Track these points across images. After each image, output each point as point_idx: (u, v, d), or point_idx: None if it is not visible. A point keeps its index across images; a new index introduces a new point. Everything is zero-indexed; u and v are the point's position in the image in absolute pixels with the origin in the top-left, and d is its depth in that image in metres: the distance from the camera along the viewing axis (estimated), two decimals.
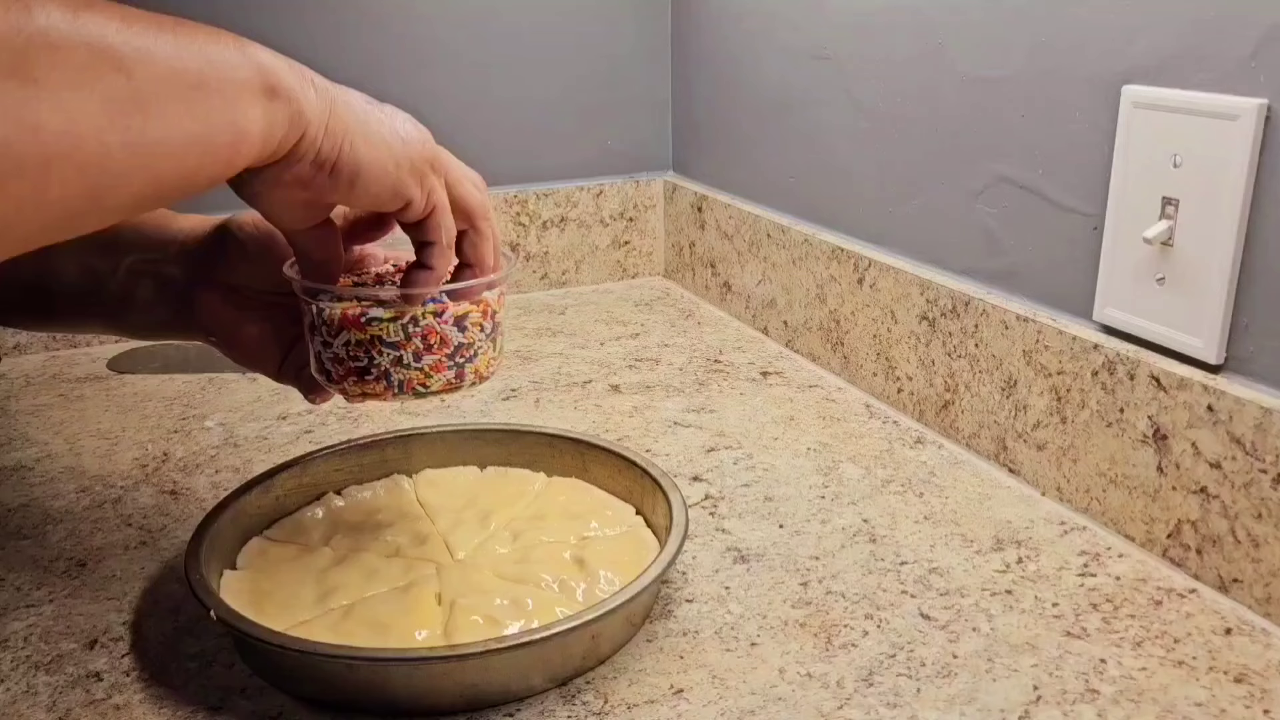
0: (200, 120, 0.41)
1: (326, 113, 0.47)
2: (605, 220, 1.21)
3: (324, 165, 0.48)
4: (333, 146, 0.47)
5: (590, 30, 1.17)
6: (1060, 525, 0.69)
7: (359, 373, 0.55)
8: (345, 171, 0.48)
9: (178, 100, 0.40)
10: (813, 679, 0.54)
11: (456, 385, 0.56)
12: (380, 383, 0.55)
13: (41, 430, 0.85)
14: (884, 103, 0.87)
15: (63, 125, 0.36)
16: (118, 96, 0.38)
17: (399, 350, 0.54)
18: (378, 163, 0.49)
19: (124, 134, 0.38)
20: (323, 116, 0.47)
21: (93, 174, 0.38)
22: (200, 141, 0.42)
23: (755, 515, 0.71)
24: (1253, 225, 0.59)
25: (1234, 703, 0.52)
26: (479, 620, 0.56)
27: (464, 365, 0.56)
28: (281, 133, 0.45)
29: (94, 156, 0.38)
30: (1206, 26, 0.60)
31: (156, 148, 0.40)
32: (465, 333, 0.56)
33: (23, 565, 0.66)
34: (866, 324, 0.89)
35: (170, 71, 0.40)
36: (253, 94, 0.43)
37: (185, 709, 0.53)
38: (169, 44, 0.40)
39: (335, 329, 0.55)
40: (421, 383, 0.55)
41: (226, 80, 0.42)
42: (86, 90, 0.37)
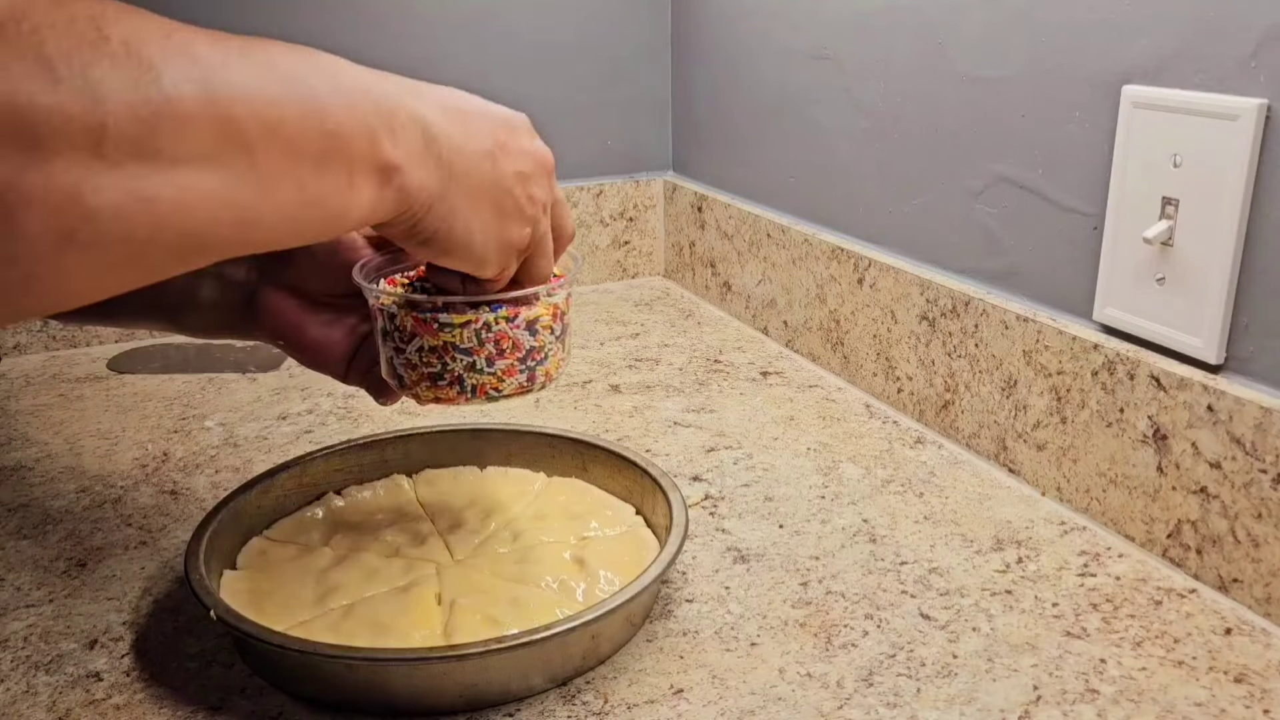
0: (308, 203, 0.40)
1: (440, 192, 0.46)
2: (605, 220, 1.21)
3: (414, 235, 0.47)
4: (431, 225, 0.47)
5: (590, 30, 1.17)
6: (1060, 525, 0.69)
7: (432, 378, 0.55)
8: (435, 247, 0.48)
9: (292, 180, 0.39)
10: (813, 679, 0.54)
11: (528, 388, 0.56)
12: (453, 388, 0.55)
13: (41, 430, 0.85)
14: (884, 103, 0.87)
15: (177, 199, 0.35)
16: (237, 177, 0.37)
17: (472, 356, 0.54)
18: (469, 247, 0.49)
19: (234, 211, 0.37)
20: (433, 197, 0.46)
21: (195, 241, 0.37)
22: (301, 222, 0.41)
23: (755, 515, 0.71)
24: (1253, 225, 0.59)
25: (1234, 703, 0.52)
26: (479, 620, 0.56)
27: (535, 368, 0.56)
28: (384, 214, 0.44)
29: (201, 228, 0.37)
30: (1206, 26, 0.60)
31: (259, 223, 0.39)
32: (536, 336, 0.56)
33: (23, 565, 0.66)
34: (866, 324, 0.89)
35: (291, 151, 0.39)
36: (367, 174, 0.42)
37: (185, 709, 0.53)
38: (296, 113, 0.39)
39: (408, 335, 0.54)
40: (495, 387, 0.55)
41: (344, 160, 0.41)
42: (207, 166, 0.36)
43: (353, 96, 0.41)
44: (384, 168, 0.42)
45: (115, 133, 0.33)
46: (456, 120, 0.47)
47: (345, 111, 0.41)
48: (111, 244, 0.34)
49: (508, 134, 0.50)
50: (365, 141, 0.41)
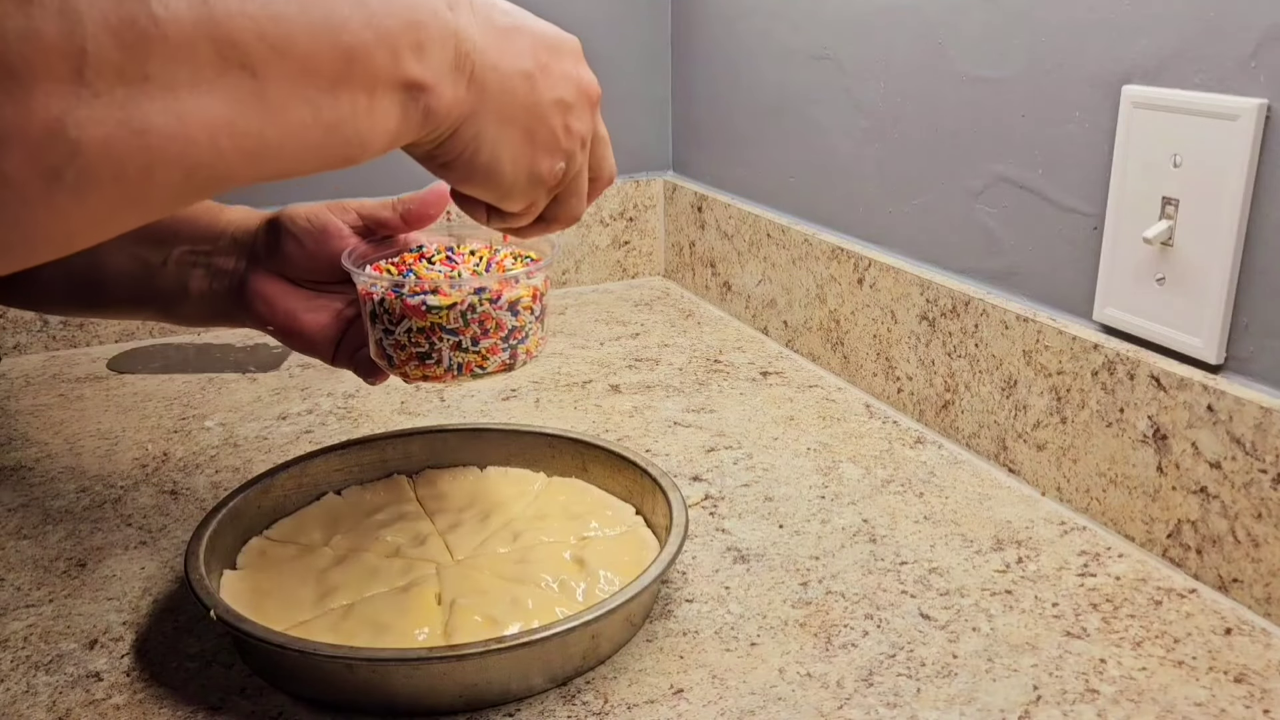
0: (324, 127, 0.37)
1: (469, 113, 0.42)
2: (605, 220, 1.21)
3: (436, 158, 0.45)
4: (456, 148, 0.44)
5: (590, 30, 1.16)
6: (1060, 525, 0.69)
7: (420, 358, 0.58)
8: (459, 171, 0.45)
9: (305, 103, 0.36)
10: (813, 679, 0.54)
11: (510, 365, 0.59)
12: (439, 366, 0.58)
13: (41, 430, 0.85)
14: (884, 103, 0.87)
15: (173, 128, 0.32)
16: (240, 98, 0.34)
17: (458, 336, 0.57)
18: (492, 176, 0.46)
19: (239, 139, 0.34)
20: (460, 118, 0.42)
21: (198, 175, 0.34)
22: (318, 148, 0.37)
23: (755, 515, 0.71)
24: (1253, 225, 0.59)
25: (1234, 703, 0.52)
26: (479, 620, 0.56)
27: (516, 346, 0.59)
28: (409, 135, 0.41)
29: (203, 159, 0.34)
30: (1206, 26, 0.60)
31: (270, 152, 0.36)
32: (518, 316, 0.58)
33: (23, 565, 0.66)
34: (866, 324, 0.89)
35: (302, 71, 0.35)
36: (390, 91, 0.38)
37: (185, 709, 0.53)
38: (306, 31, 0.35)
39: (396, 317, 0.57)
40: (479, 365, 0.58)
41: (363, 78, 0.37)
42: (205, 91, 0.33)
43: (373, 7, 0.38)
44: (408, 85, 0.39)
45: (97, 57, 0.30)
46: (495, 34, 0.44)
47: (364, 25, 0.37)
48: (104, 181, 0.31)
49: (551, 56, 0.47)
50: (388, 57, 0.38)
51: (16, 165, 0.29)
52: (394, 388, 0.92)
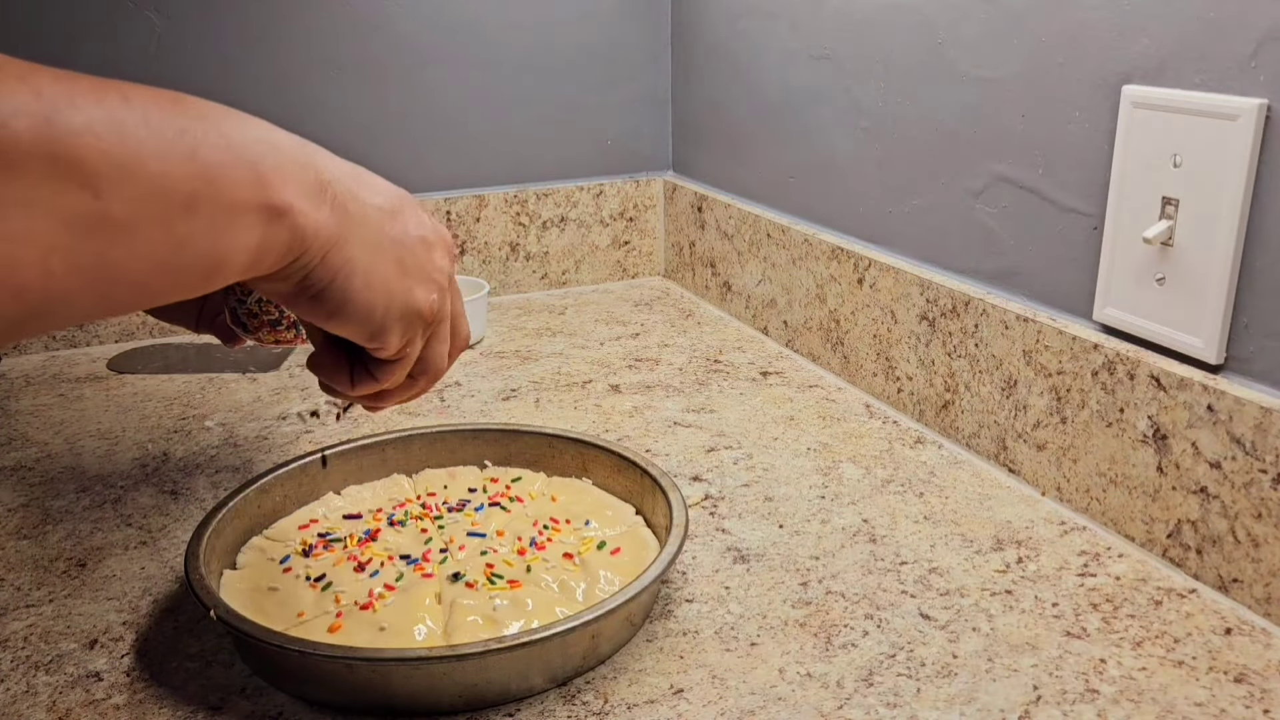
0: (178, 247, 0.35)
1: (333, 239, 0.41)
2: (605, 220, 1.21)
3: (307, 289, 0.42)
4: (326, 276, 0.42)
5: (590, 30, 1.17)
6: (1060, 525, 0.69)
7: (271, 324, 0.62)
8: (328, 304, 0.43)
9: (156, 224, 0.34)
10: (813, 679, 0.54)
11: None
12: (290, 331, 0.62)
13: (41, 430, 0.85)
14: (884, 103, 0.87)
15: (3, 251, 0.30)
16: (77, 217, 0.31)
17: None
18: (368, 308, 0.44)
19: (76, 258, 0.32)
20: (327, 243, 0.41)
21: (28, 298, 0.31)
22: (171, 270, 0.35)
23: (755, 515, 0.71)
24: (1253, 225, 0.59)
25: (1234, 703, 0.52)
26: (479, 620, 0.56)
27: None
28: (271, 259, 0.39)
29: (32, 281, 0.31)
30: (1206, 26, 0.60)
31: (115, 274, 0.33)
32: None
33: (23, 565, 0.66)
34: (866, 324, 0.89)
35: (153, 191, 0.33)
36: (251, 215, 0.37)
37: (185, 709, 0.53)
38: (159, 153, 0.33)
39: (247, 288, 0.60)
40: None
41: (222, 200, 0.36)
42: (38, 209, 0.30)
43: (233, 139, 0.36)
44: (271, 207, 0.37)
45: None
46: (349, 172, 0.43)
47: (222, 147, 0.36)
48: None
49: (406, 202, 0.47)
50: (247, 179, 0.36)
51: None
52: None
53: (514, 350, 1.02)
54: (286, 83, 1.05)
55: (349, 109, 1.08)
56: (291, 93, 1.06)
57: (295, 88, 1.06)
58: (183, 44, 1.01)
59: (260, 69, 1.04)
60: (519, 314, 1.13)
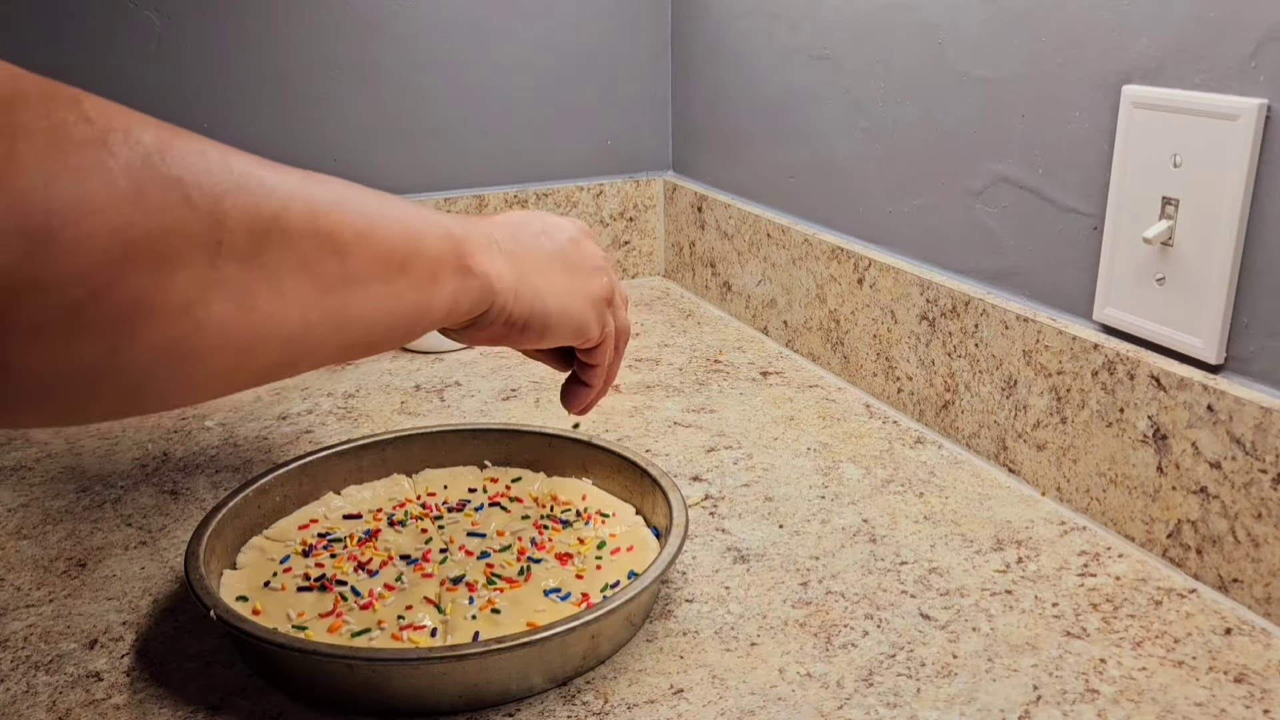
0: (396, 297, 0.43)
1: (516, 279, 0.49)
2: (605, 220, 1.21)
3: (514, 325, 0.51)
4: (524, 309, 0.50)
5: (590, 30, 1.17)
6: (1060, 525, 0.69)
7: None
8: (535, 328, 0.52)
9: (381, 280, 0.42)
10: (813, 679, 0.54)
11: None
12: None
13: (41, 430, 0.85)
14: (884, 103, 0.87)
15: (274, 306, 0.37)
16: (331, 278, 0.39)
17: None
18: (565, 313, 0.53)
19: (327, 312, 0.39)
20: (513, 284, 0.49)
21: (291, 347, 0.39)
22: (392, 315, 0.43)
23: (755, 515, 0.71)
24: (1253, 225, 0.59)
25: (1234, 703, 0.52)
26: (479, 620, 0.56)
27: None
28: (469, 305, 0.47)
29: (295, 332, 0.38)
30: (1206, 26, 0.60)
31: (353, 323, 0.41)
32: None
33: (23, 565, 0.66)
34: (866, 324, 0.89)
35: (381, 253, 0.41)
36: (449, 270, 0.45)
37: (185, 709, 0.53)
38: (382, 223, 0.42)
39: None
40: None
41: (427, 258, 0.44)
42: (306, 275, 0.38)
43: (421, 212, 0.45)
44: (462, 264, 0.46)
45: (230, 247, 0.35)
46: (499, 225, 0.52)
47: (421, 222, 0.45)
48: (212, 353, 0.35)
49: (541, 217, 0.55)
50: (444, 242, 0.45)
51: (153, 337, 0.33)
52: (394, 388, 0.92)
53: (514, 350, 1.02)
54: (286, 83, 1.05)
55: (349, 109, 1.08)
56: (291, 93, 1.06)
57: (295, 88, 1.06)
58: (183, 44, 1.01)
59: (260, 69, 1.04)
60: None
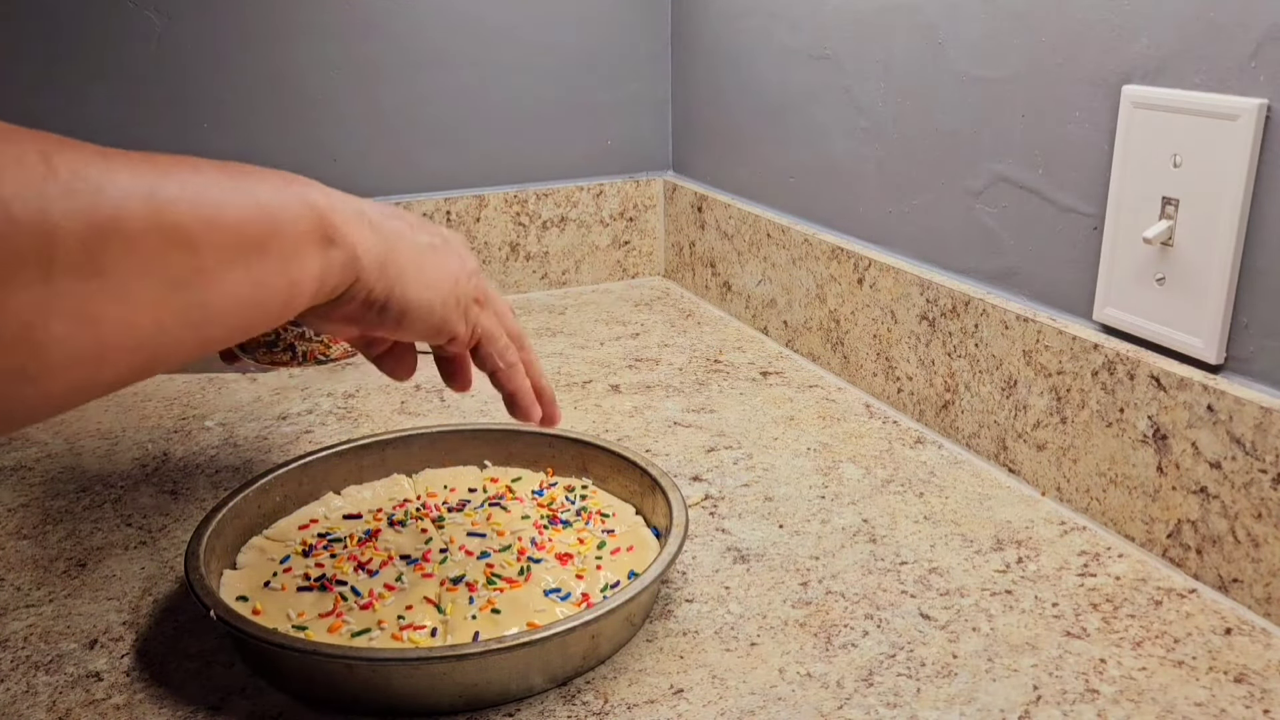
0: (257, 282, 0.40)
1: (383, 254, 0.47)
2: (605, 220, 1.21)
3: (373, 305, 0.48)
4: (385, 288, 0.48)
5: (590, 30, 1.17)
6: (1060, 525, 0.69)
7: (268, 346, 0.61)
8: (394, 310, 0.49)
9: (238, 266, 0.39)
10: (813, 679, 0.54)
11: (353, 352, 0.63)
12: (286, 353, 0.61)
13: (41, 430, 0.85)
14: (884, 103, 0.87)
15: (122, 314, 0.35)
16: (182, 274, 0.37)
17: (301, 326, 0.60)
18: (426, 303, 0.50)
19: (182, 311, 0.37)
20: (378, 258, 0.47)
21: (146, 351, 0.37)
22: (256, 303, 0.41)
23: (755, 515, 0.71)
24: (1253, 225, 0.59)
25: (1234, 703, 0.52)
26: (479, 620, 0.56)
27: None
28: (336, 280, 0.45)
29: (149, 336, 0.36)
30: (1206, 26, 0.60)
31: (213, 317, 0.39)
32: None
33: (23, 565, 0.66)
34: (866, 324, 0.89)
35: (234, 238, 0.39)
36: (311, 244, 0.43)
37: (185, 709, 0.53)
38: (233, 205, 0.39)
39: None
40: (323, 352, 0.61)
41: (287, 236, 0.42)
42: (153, 276, 0.36)
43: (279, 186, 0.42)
44: (325, 235, 0.43)
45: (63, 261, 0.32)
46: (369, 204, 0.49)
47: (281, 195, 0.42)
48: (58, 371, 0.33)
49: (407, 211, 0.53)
50: (304, 216, 0.43)
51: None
52: (394, 388, 0.92)
53: None
54: (286, 83, 1.05)
55: (348, 109, 1.08)
56: (291, 93, 1.06)
57: (295, 88, 1.06)
58: (183, 44, 1.01)
59: (260, 69, 1.04)
60: (519, 314, 1.13)
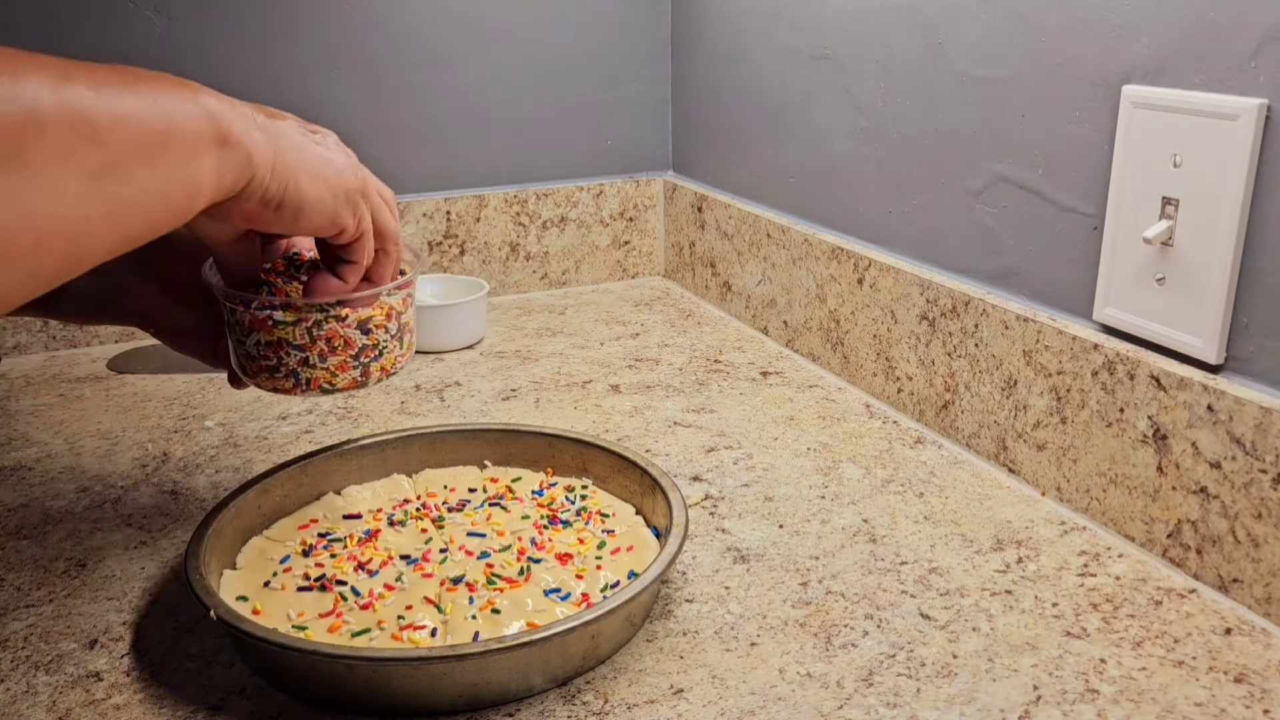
0: (163, 176, 0.44)
1: (273, 154, 0.50)
2: (605, 220, 1.21)
3: (270, 202, 0.51)
4: (279, 186, 0.50)
5: (590, 30, 1.17)
6: (1060, 525, 0.69)
7: (269, 370, 0.58)
8: (289, 207, 0.51)
9: (145, 161, 0.42)
10: (813, 679, 0.54)
11: (363, 383, 0.60)
12: (288, 380, 0.59)
13: (41, 430, 0.85)
14: (884, 103, 0.87)
15: (51, 206, 0.38)
16: (95, 167, 0.40)
17: (305, 352, 0.58)
18: (319, 198, 0.52)
19: (101, 202, 0.40)
20: (270, 158, 0.49)
21: (75, 243, 0.40)
22: (164, 196, 0.44)
23: (755, 515, 0.71)
24: (1253, 225, 0.59)
25: (1234, 703, 0.52)
26: (478, 620, 0.56)
27: (369, 364, 0.60)
28: (232, 178, 0.48)
29: (76, 227, 0.40)
30: (1206, 26, 0.60)
31: (127, 208, 0.42)
32: (369, 335, 0.59)
33: (23, 565, 0.66)
34: (866, 324, 0.89)
35: (138, 134, 0.42)
36: (207, 144, 0.46)
37: (185, 709, 0.53)
38: (135, 103, 0.42)
39: (246, 329, 0.58)
40: (328, 381, 0.59)
41: (186, 134, 0.45)
42: (69, 166, 0.39)
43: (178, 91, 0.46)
44: (220, 136, 0.46)
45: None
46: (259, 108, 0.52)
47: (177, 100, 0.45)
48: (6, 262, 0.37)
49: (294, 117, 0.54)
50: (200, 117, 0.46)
51: None
52: (394, 388, 0.92)
53: (514, 350, 1.02)
54: (286, 82, 1.05)
55: (348, 109, 1.08)
56: (291, 93, 1.06)
57: (294, 87, 1.06)
58: (183, 44, 1.01)
59: (259, 69, 1.04)
60: (519, 314, 1.13)
